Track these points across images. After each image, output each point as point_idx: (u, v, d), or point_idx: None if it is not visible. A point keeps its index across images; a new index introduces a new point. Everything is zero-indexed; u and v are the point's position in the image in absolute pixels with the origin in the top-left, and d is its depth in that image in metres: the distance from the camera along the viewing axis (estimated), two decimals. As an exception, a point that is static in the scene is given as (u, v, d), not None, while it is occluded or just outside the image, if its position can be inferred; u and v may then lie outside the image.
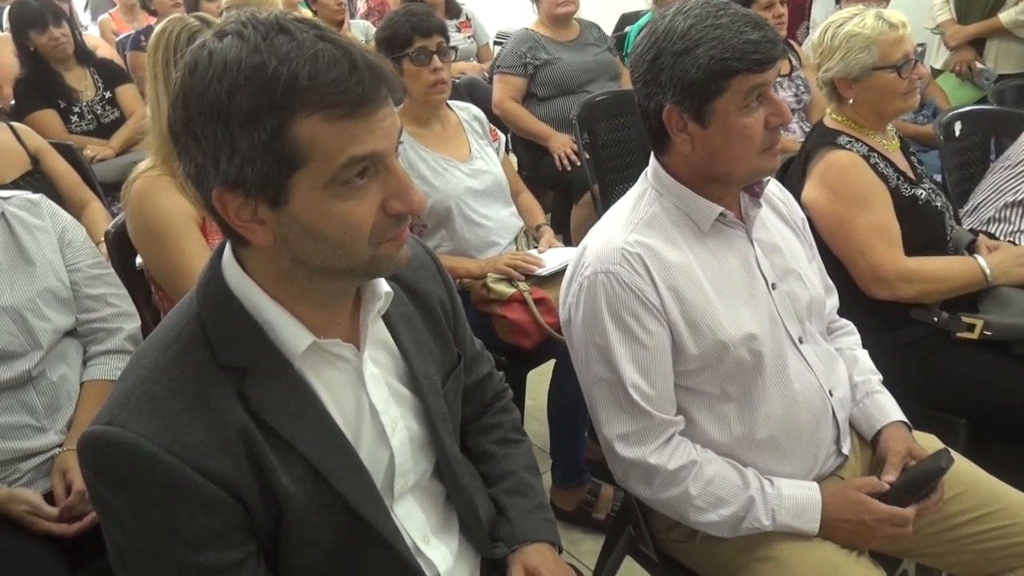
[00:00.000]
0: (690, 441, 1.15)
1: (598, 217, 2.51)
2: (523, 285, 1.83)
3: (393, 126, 0.73)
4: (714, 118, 1.08)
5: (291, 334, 0.79)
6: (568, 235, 2.95)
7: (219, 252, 0.83)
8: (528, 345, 1.82)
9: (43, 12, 2.79)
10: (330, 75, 0.68)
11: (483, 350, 1.16)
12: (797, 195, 1.52)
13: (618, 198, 2.59)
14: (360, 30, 3.78)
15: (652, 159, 1.21)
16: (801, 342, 1.21)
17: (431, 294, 0.99)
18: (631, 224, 1.16)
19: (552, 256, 1.93)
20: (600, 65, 3.04)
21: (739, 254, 1.19)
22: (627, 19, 4.32)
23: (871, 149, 1.64)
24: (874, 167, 1.61)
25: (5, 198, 1.43)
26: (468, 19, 3.88)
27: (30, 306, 1.36)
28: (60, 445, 1.36)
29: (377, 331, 0.90)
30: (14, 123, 2.24)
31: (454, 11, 3.73)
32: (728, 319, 1.13)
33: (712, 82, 1.06)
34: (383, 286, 0.87)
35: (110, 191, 2.49)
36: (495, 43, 4.34)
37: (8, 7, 3.74)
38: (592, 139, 2.59)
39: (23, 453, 1.33)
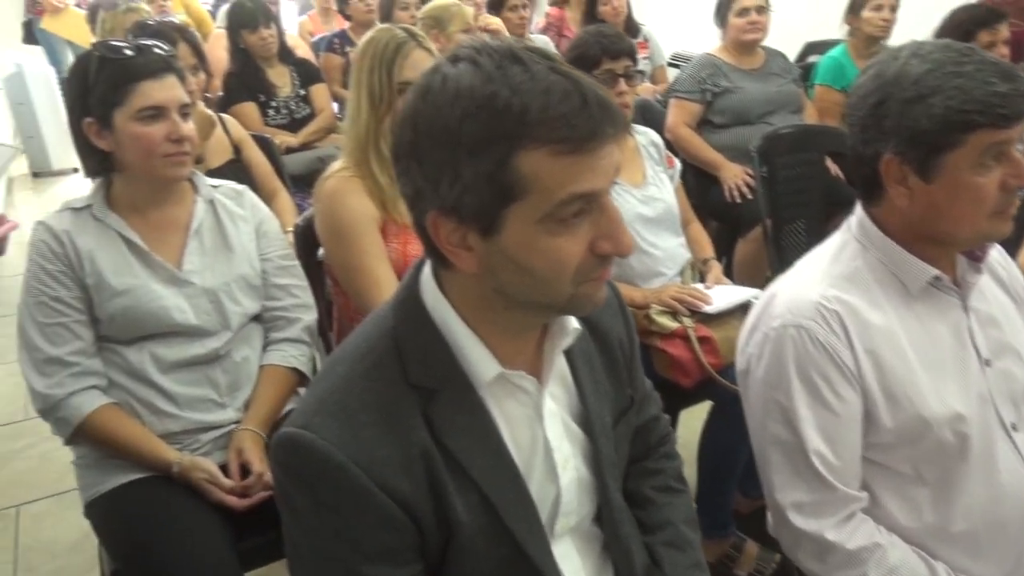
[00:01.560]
0: (873, 521, 1.05)
1: (768, 254, 2.46)
2: (687, 321, 1.77)
3: (612, 165, 0.71)
4: (941, 173, 0.98)
5: (480, 361, 0.79)
6: (730, 269, 2.84)
7: (418, 269, 0.84)
8: (686, 384, 1.75)
9: (256, 14, 3.02)
10: (561, 109, 0.67)
11: (652, 391, 1.12)
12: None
13: (792, 236, 2.54)
14: (539, 44, 3.82)
15: (858, 209, 1.12)
16: (1015, 429, 1.08)
17: (612, 332, 0.96)
18: (830, 277, 1.08)
19: (720, 294, 1.85)
20: (784, 97, 2.91)
21: (950, 323, 1.08)
22: (812, 48, 4.11)
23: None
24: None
25: (215, 186, 1.55)
26: (646, 40, 3.84)
27: (225, 289, 1.46)
28: (237, 422, 1.45)
29: (559, 366, 0.88)
30: (222, 115, 2.44)
31: (633, 31, 3.70)
32: (932, 394, 1.03)
33: (945, 135, 0.96)
34: (572, 322, 0.85)
35: (295, 183, 2.67)
36: (669, 64, 4.26)
37: (226, 7, 4.12)
38: (770, 173, 2.47)
39: (204, 425, 1.43)
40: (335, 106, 3.32)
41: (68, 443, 1.39)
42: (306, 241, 1.75)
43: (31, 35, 5.43)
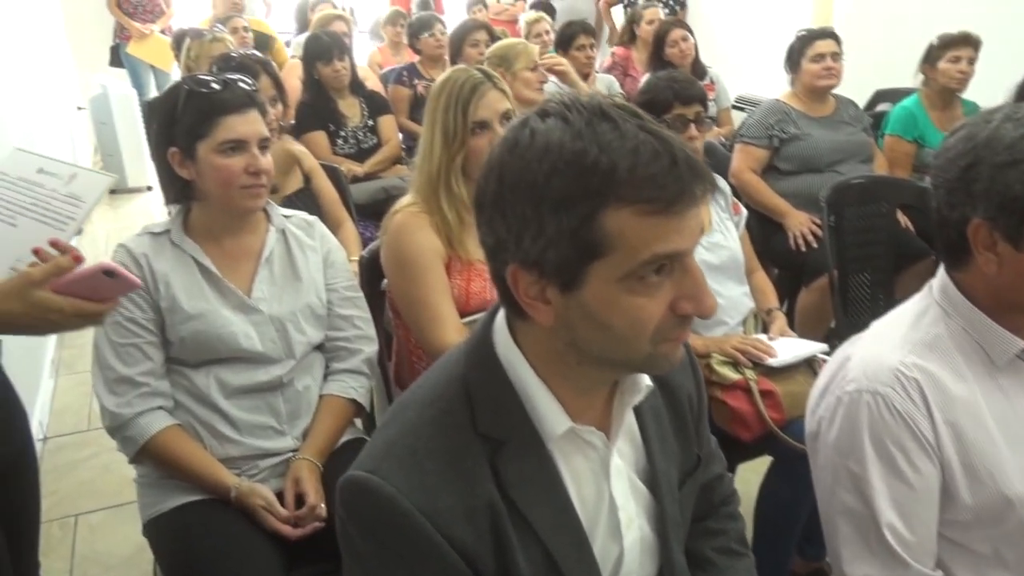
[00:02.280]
0: (947, 602, 1.00)
1: (833, 306, 2.40)
2: (750, 373, 1.73)
3: (699, 225, 0.71)
4: (1035, 242, 0.94)
5: (551, 415, 0.78)
6: (791, 317, 2.78)
7: (491, 316, 0.84)
8: (746, 438, 1.70)
9: (331, 47, 3.11)
10: (650, 169, 0.67)
11: (716, 449, 1.09)
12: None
13: (858, 289, 2.47)
14: (604, 83, 3.84)
15: (941, 273, 1.08)
16: (1105, 516, 1.01)
17: (681, 388, 0.94)
18: (909, 343, 1.04)
19: (784, 347, 1.81)
20: (854, 146, 2.85)
21: (1038, 398, 1.02)
22: (882, 96, 4.03)
23: None
24: None
25: (287, 216, 1.59)
26: (713, 82, 3.82)
27: (292, 318, 1.49)
28: (294, 450, 1.47)
29: (627, 422, 0.87)
30: (296, 144, 2.51)
31: (700, 73, 3.69)
32: (1017, 472, 0.98)
33: (1040, 203, 0.92)
34: (644, 379, 0.84)
35: (359, 211, 2.72)
36: (734, 107, 4.24)
37: (301, 38, 4.26)
38: (838, 223, 2.42)
39: (263, 452, 1.45)
40: (400, 136, 3.39)
41: (132, 462, 1.42)
42: (371, 272, 1.78)
43: (117, 59, 5.70)
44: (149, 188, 5.41)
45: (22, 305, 0.98)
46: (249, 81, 1.48)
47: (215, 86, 1.40)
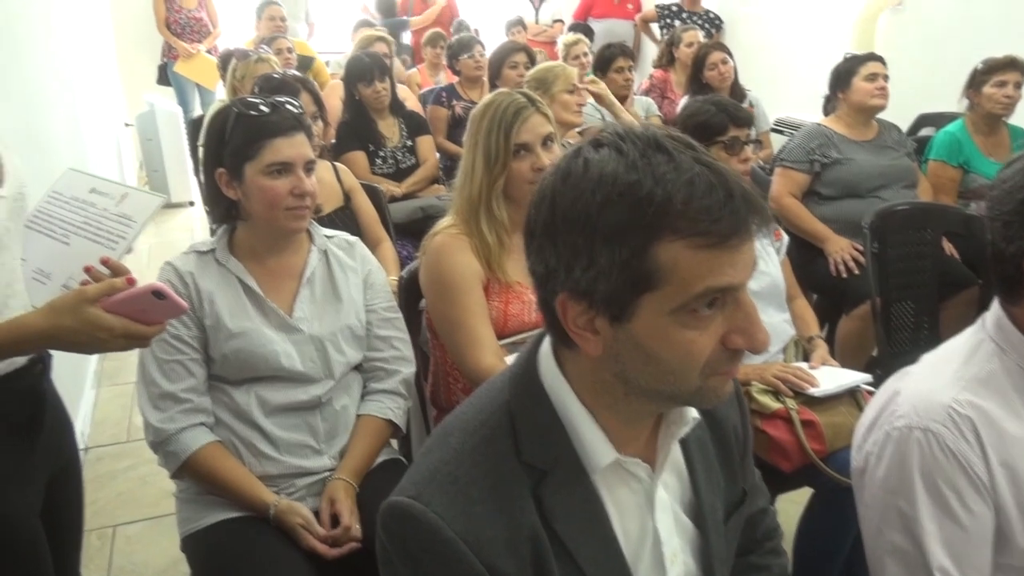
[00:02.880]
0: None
1: (876, 334, 2.35)
2: (791, 402, 1.70)
3: (753, 259, 0.70)
4: (1094, 277, 0.92)
5: (596, 446, 0.77)
6: (830, 344, 2.72)
7: (536, 343, 0.84)
8: (786, 468, 1.67)
9: (372, 68, 3.16)
10: (704, 202, 0.66)
11: (760, 482, 1.07)
12: None
13: (901, 317, 2.43)
14: (642, 106, 3.84)
15: (996, 307, 1.05)
16: None
17: (727, 420, 0.93)
18: (962, 380, 1.01)
19: (826, 376, 1.77)
20: (897, 171, 2.81)
21: (1097, 439, 0.99)
22: (926, 120, 3.97)
23: None
24: None
25: (329, 237, 1.60)
26: (752, 105, 3.80)
27: (331, 338, 1.50)
28: (331, 469, 1.47)
29: (673, 454, 0.85)
30: (336, 163, 2.55)
31: (739, 96, 3.68)
32: (1076, 516, 0.94)
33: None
34: (691, 411, 0.83)
35: (396, 230, 2.74)
36: (773, 131, 4.21)
37: (342, 58, 4.34)
38: (882, 249, 2.38)
39: (301, 471, 1.45)
40: (437, 156, 3.42)
41: (173, 477, 1.44)
42: (409, 293, 1.79)
43: (164, 77, 5.86)
44: (191, 203, 5.53)
45: (74, 321, 1.00)
46: (296, 104, 1.51)
47: (264, 109, 1.43)
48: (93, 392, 3.05)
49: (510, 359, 1.56)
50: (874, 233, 2.35)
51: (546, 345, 0.82)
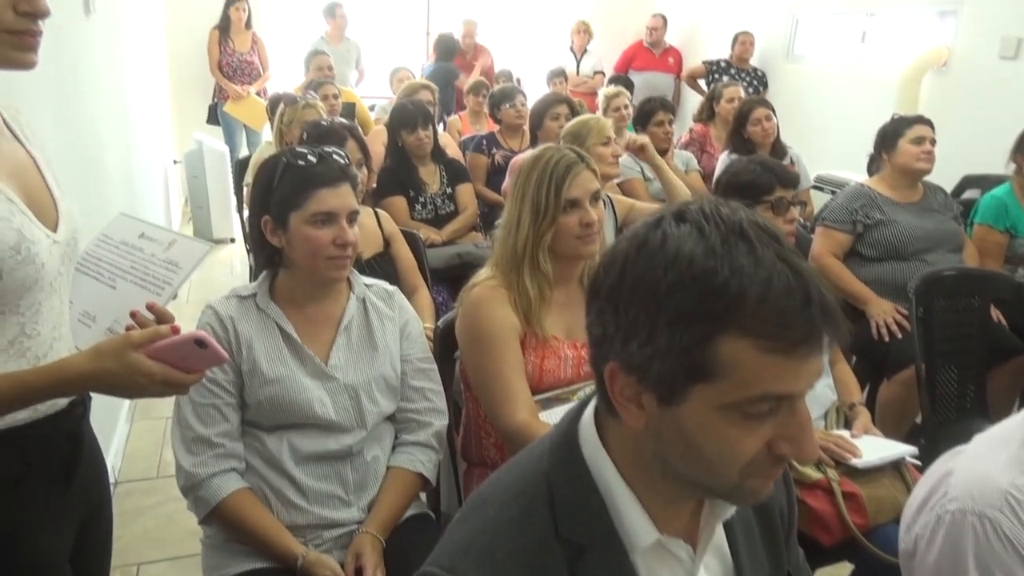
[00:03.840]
0: None
1: (921, 401, 2.28)
2: (832, 473, 1.64)
3: (819, 370, 0.67)
4: None
5: (637, 524, 0.75)
6: (870, 408, 2.65)
7: (578, 411, 0.82)
8: (826, 541, 1.61)
9: (415, 116, 3.21)
10: (780, 304, 0.63)
11: (804, 563, 1.03)
12: None
13: (946, 385, 2.35)
14: (681, 160, 3.85)
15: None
16: None
17: (773, 501, 0.89)
18: (1020, 463, 0.97)
19: (869, 446, 1.72)
20: (942, 234, 2.75)
21: None
22: (970, 182, 3.91)
23: None
24: None
25: (368, 286, 1.61)
26: (793, 162, 3.77)
27: (366, 388, 1.50)
28: (359, 522, 1.45)
29: (716, 535, 0.82)
30: (377, 209, 2.58)
31: (781, 153, 3.66)
32: None
33: None
34: None
35: (432, 276, 2.75)
36: (813, 188, 4.18)
37: (384, 103, 4.42)
38: (927, 314, 2.32)
39: (329, 522, 1.44)
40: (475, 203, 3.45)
41: (202, 523, 1.43)
42: (444, 343, 1.78)
43: (214, 116, 6.04)
44: (232, 240, 5.63)
45: (117, 366, 1.01)
46: (343, 154, 1.53)
47: (311, 159, 1.45)
48: (127, 427, 3.07)
49: (544, 415, 1.55)
50: (920, 299, 2.30)
51: (588, 413, 0.80)
